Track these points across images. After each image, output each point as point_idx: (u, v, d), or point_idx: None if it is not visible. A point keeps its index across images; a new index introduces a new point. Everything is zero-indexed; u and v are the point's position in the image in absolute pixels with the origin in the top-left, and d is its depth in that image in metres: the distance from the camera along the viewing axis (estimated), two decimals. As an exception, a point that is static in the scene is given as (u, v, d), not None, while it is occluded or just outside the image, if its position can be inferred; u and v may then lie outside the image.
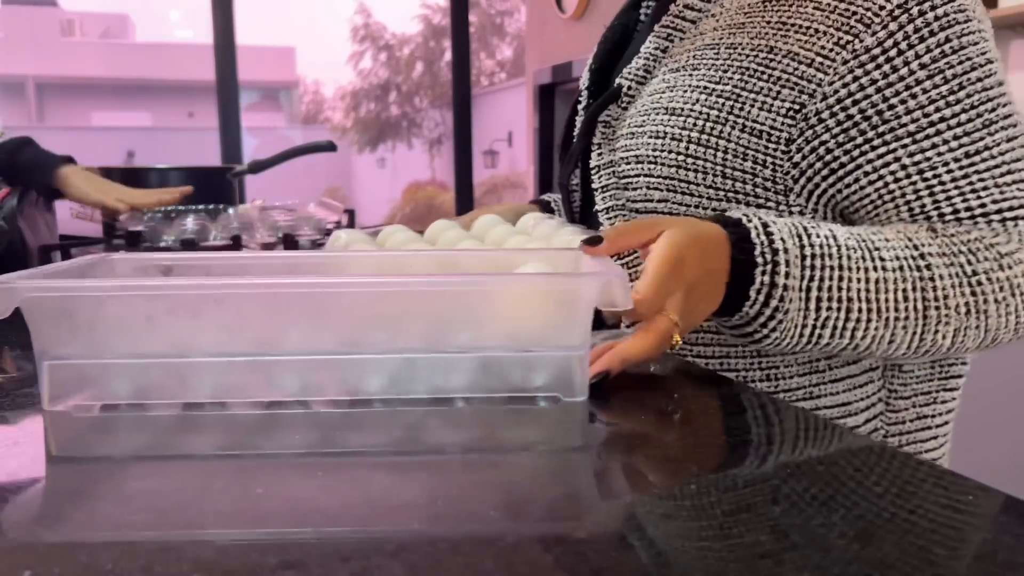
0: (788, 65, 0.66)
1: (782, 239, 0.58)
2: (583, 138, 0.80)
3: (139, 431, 0.47)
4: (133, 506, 0.37)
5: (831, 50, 0.64)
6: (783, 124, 0.66)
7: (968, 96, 0.62)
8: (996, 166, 0.62)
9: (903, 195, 0.64)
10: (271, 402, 0.50)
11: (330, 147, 1.62)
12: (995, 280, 0.61)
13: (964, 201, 0.63)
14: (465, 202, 4.01)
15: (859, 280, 0.59)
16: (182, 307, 0.49)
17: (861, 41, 0.63)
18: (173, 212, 1.26)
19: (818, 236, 0.60)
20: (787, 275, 0.58)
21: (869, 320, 0.60)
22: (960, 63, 0.62)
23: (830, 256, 0.59)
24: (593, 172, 0.78)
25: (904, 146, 0.63)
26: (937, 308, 0.61)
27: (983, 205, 0.63)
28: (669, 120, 0.70)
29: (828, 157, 0.66)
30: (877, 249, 0.61)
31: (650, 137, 0.71)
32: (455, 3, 3.93)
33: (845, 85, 0.64)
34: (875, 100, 0.63)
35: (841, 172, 0.66)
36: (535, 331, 0.51)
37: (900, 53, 0.63)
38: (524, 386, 0.51)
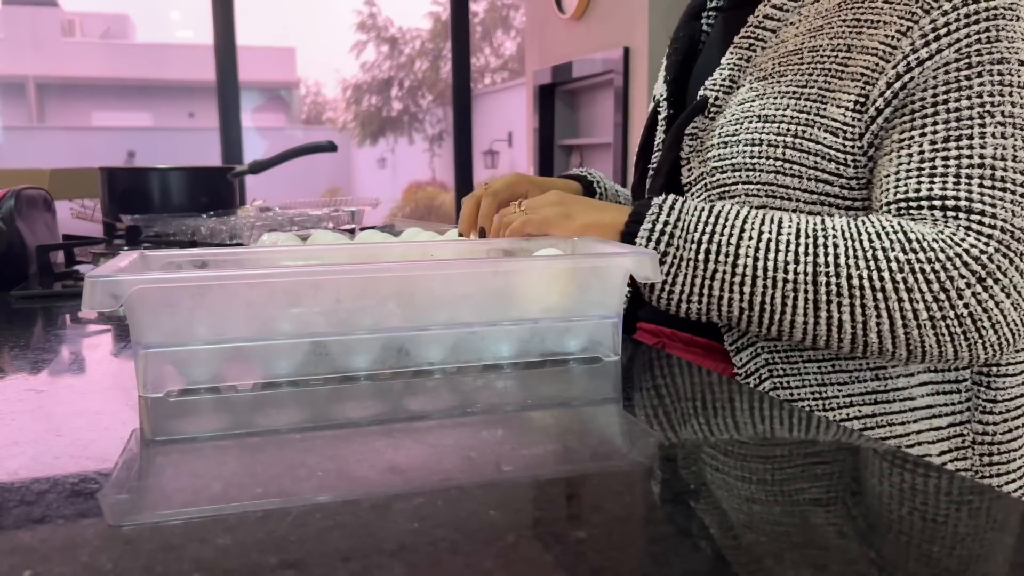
0: (862, 60, 0.67)
1: (682, 201, 0.67)
2: (670, 151, 0.80)
3: (228, 410, 0.50)
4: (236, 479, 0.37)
5: (894, 38, 0.66)
6: (853, 119, 0.67)
7: (981, 85, 0.62)
8: (968, 156, 0.62)
9: (881, 169, 0.65)
10: (343, 376, 0.57)
11: (330, 147, 1.62)
12: (893, 259, 0.60)
13: (918, 184, 0.63)
14: (465, 202, 4.01)
15: (751, 239, 0.64)
16: (283, 293, 0.55)
17: (919, 26, 0.65)
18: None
19: (726, 206, 0.66)
20: (677, 223, 0.66)
21: (756, 276, 0.63)
22: (989, 53, 0.63)
23: (725, 216, 0.65)
24: (685, 189, 0.79)
25: (902, 123, 0.65)
26: (827, 275, 0.61)
27: (930, 190, 0.63)
28: (764, 127, 0.71)
29: (885, 144, 0.66)
30: (780, 219, 0.64)
31: (746, 145, 0.72)
32: (455, 2, 3.93)
33: (895, 69, 0.65)
34: (915, 83, 0.64)
35: None
36: (578, 302, 0.61)
37: (948, 34, 0.64)
38: (568, 350, 0.62)
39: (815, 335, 0.63)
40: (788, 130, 0.69)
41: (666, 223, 0.66)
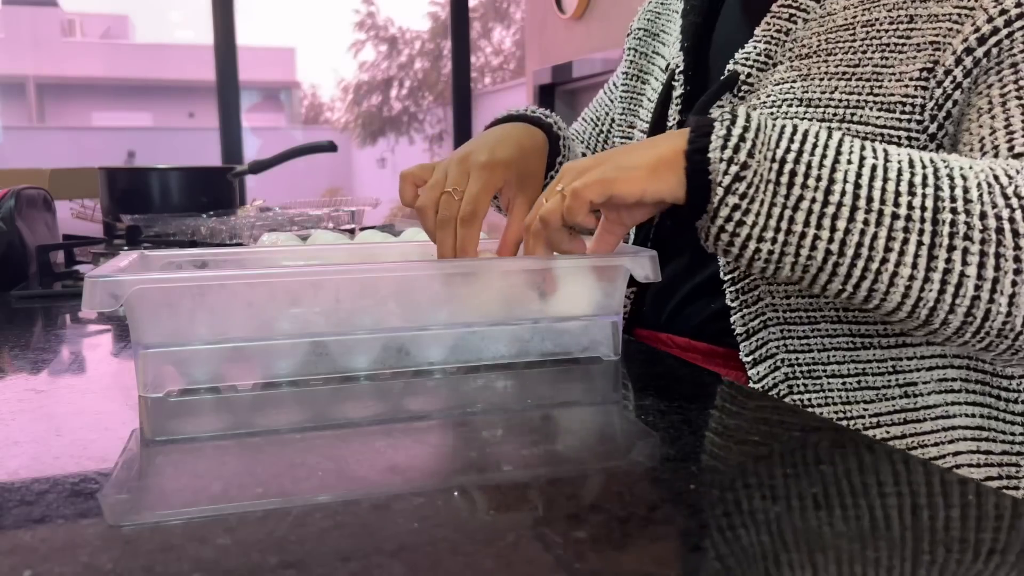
0: (929, 29, 0.62)
1: (747, 113, 0.53)
2: None
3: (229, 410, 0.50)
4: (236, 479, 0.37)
5: (967, 1, 0.60)
6: (916, 89, 0.61)
7: None
8: None
9: (979, 129, 0.59)
10: (343, 376, 0.56)
11: (330, 147, 1.62)
12: None
13: None
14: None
15: (849, 163, 0.51)
16: (283, 293, 0.55)
17: None
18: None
19: (813, 126, 0.54)
20: (758, 133, 0.52)
21: (855, 208, 0.50)
22: None
23: (815, 136, 0.53)
24: None
25: (1001, 80, 0.59)
26: (954, 211, 0.49)
27: None
28: (806, 112, 0.65)
29: (955, 112, 0.60)
30: (886, 149, 0.53)
31: None
32: (454, 1, 3.93)
33: (976, 27, 0.59)
34: (1000, 37, 0.59)
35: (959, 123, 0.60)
36: (583, 303, 0.61)
37: None
38: (568, 350, 0.62)
39: (919, 298, 0.51)
40: (835, 114, 0.64)
41: (745, 128, 0.52)
